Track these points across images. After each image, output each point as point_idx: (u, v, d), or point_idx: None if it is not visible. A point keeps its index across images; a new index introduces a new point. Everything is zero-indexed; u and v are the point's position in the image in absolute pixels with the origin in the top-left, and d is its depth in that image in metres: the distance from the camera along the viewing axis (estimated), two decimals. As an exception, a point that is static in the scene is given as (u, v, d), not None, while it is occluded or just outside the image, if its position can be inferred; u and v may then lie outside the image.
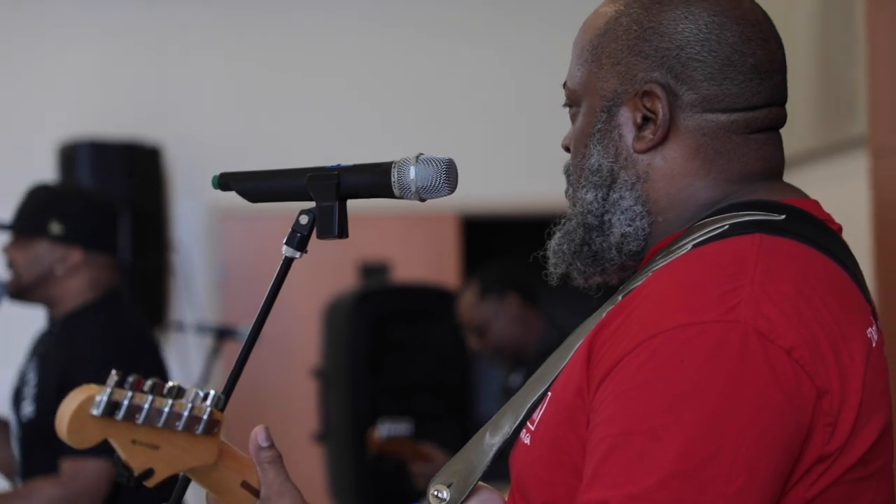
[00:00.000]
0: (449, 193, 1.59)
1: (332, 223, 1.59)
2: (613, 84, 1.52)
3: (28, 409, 3.13)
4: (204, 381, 5.09)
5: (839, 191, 4.51)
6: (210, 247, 6.16)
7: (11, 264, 3.19)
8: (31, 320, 4.11)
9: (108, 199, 3.43)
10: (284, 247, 1.61)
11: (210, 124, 6.18)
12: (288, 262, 1.61)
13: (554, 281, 1.61)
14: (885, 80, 3.82)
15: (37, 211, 3.21)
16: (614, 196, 1.52)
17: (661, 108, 1.49)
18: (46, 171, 5.80)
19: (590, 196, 1.53)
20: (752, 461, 1.30)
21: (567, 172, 1.60)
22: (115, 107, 6.07)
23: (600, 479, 1.33)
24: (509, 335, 4.10)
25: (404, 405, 4.86)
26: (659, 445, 1.30)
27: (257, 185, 1.66)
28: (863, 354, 1.39)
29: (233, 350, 5.17)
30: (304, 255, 1.61)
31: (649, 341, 1.34)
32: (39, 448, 3.11)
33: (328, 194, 1.59)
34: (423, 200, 1.60)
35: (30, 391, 3.15)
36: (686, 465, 1.29)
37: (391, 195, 1.59)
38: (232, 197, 1.70)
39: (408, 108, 6.30)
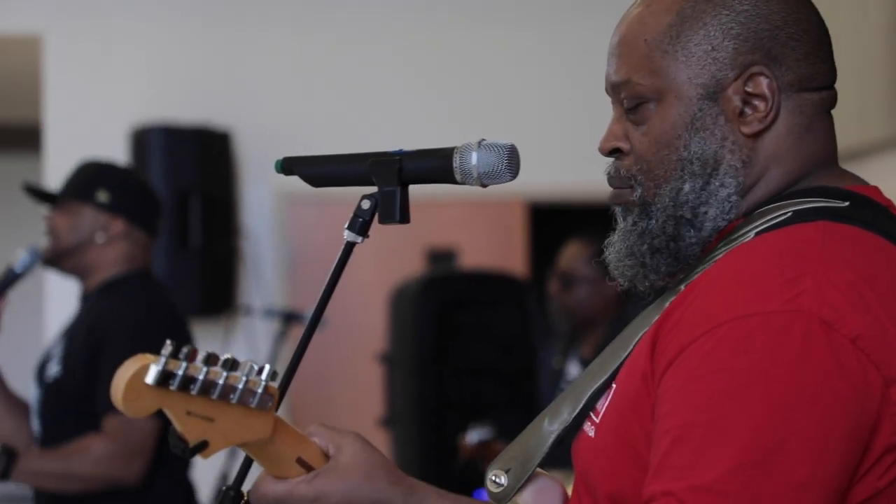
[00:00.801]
0: (511, 179, 1.58)
1: (393, 208, 1.59)
2: (711, 70, 1.49)
3: (54, 369, 3.17)
4: (271, 365, 5.12)
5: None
6: (279, 232, 6.20)
7: (52, 230, 3.23)
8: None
9: (150, 185, 3.46)
10: (346, 231, 1.61)
11: (279, 110, 6.21)
12: (349, 246, 1.62)
13: (619, 287, 1.58)
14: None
15: (86, 179, 3.27)
16: (715, 184, 1.49)
17: (768, 90, 1.48)
18: (119, 155, 5.86)
19: (687, 187, 1.50)
20: (817, 451, 1.29)
21: (628, 174, 1.54)
22: (186, 91, 6.12)
23: (665, 471, 1.32)
24: (591, 306, 4.09)
25: (469, 391, 4.87)
26: (722, 437, 1.30)
27: (320, 170, 1.66)
28: None
29: (300, 334, 5.21)
30: (367, 239, 1.61)
31: (712, 332, 1.33)
32: (62, 410, 3.15)
33: (390, 179, 1.59)
34: (484, 186, 1.59)
35: (57, 354, 3.20)
36: (750, 457, 1.29)
37: (453, 181, 1.58)
38: (300, 182, 1.71)
39: (473, 93, 6.29)
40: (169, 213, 5.62)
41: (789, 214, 1.44)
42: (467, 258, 6.24)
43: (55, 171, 5.67)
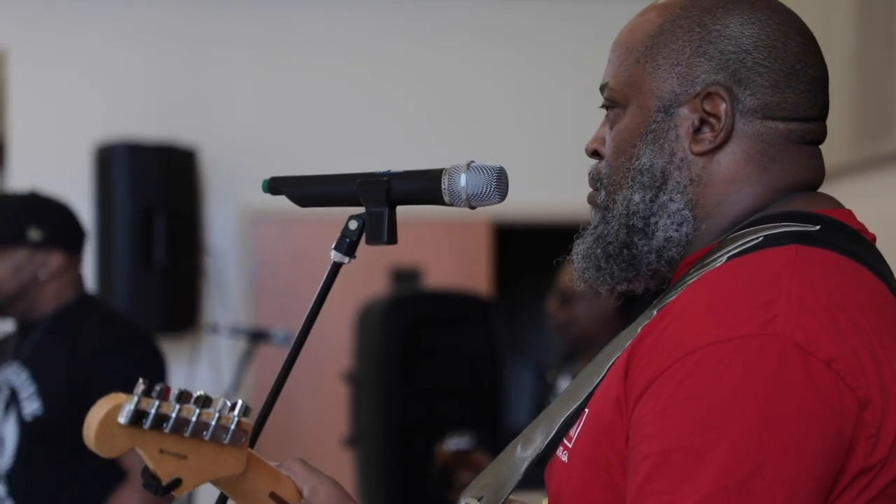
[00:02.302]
0: (499, 201, 1.59)
1: (381, 229, 1.59)
2: (672, 84, 1.50)
3: (32, 406, 3.13)
4: (236, 384, 5.11)
5: (875, 205, 4.49)
6: (243, 250, 6.18)
7: None
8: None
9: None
10: (333, 252, 1.61)
11: (244, 127, 6.20)
12: (336, 267, 1.62)
13: (579, 286, 1.60)
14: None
15: (12, 221, 3.21)
16: (663, 198, 1.50)
17: (723, 111, 1.48)
18: (82, 172, 5.83)
19: (637, 197, 1.51)
20: (795, 475, 1.30)
21: (598, 176, 1.58)
22: (151, 109, 6.10)
23: (644, 498, 1.32)
24: (588, 324, 4.11)
25: (435, 411, 4.87)
26: (701, 463, 1.30)
27: (307, 190, 1.66)
28: None
29: (266, 353, 5.19)
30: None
31: (688, 357, 1.33)
32: (44, 447, 3.12)
33: (378, 200, 1.59)
34: (472, 208, 1.60)
35: (27, 391, 3.14)
36: (730, 482, 1.29)
37: (441, 202, 1.59)
38: (265, 200, 1.71)
39: (444, 114, 6.30)
40: (133, 231, 5.60)
41: (760, 239, 1.43)
42: (432, 278, 6.24)
43: (19, 187, 5.63)
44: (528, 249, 7.55)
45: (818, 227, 1.45)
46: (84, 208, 5.80)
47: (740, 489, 1.29)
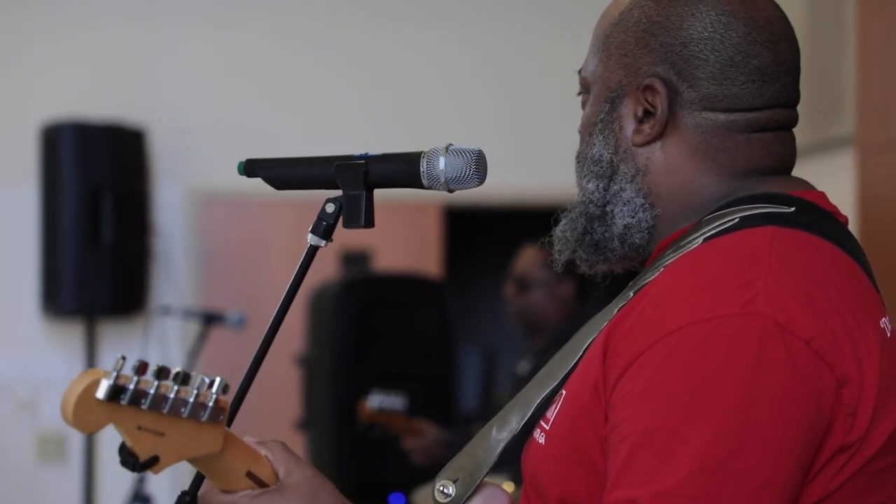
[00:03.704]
0: (478, 185, 1.59)
1: (359, 212, 1.59)
2: (619, 75, 1.53)
3: None
4: (188, 367, 5.06)
5: (826, 188, 4.53)
6: (191, 231, 6.14)
7: None
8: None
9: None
10: (310, 235, 1.61)
11: (194, 108, 6.14)
12: (313, 250, 1.61)
13: (559, 267, 1.62)
14: (874, 80, 3.85)
15: None
16: (615, 187, 1.53)
17: (660, 104, 1.50)
18: (29, 152, 5.76)
19: (591, 186, 1.54)
20: (776, 452, 1.31)
21: (578, 159, 1.60)
22: (100, 89, 6.03)
23: (627, 477, 1.33)
24: (544, 310, 4.13)
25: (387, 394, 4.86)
26: (684, 441, 1.31)
27: (283, 173, 1.65)
28: (878, 345, 1.39)
29: (217, 336, 5.16)
30: (281, 240, 1.60)
31: (668, 337, 1.35)
32: None
33: (356, 183, 1.59)
34: (451, 191, 1.60)
35: None
36: (711, 460, 1.30)
37: (419, 185, 1.58)
38: (214, 181, 1.70)
39: (390, 95, 6.28)
40: (80, 211, 5.54)
41: (736, 220, 1.45)
42: (382, 260, 6.23)
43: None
44: (478, 231, 7.56)
45: (793, 209, 1.46)
46: (30, 188, 5.75)
47: (721, 467, 1.30)
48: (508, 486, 3.19)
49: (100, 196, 5.58)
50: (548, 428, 1.50)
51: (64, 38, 6.08)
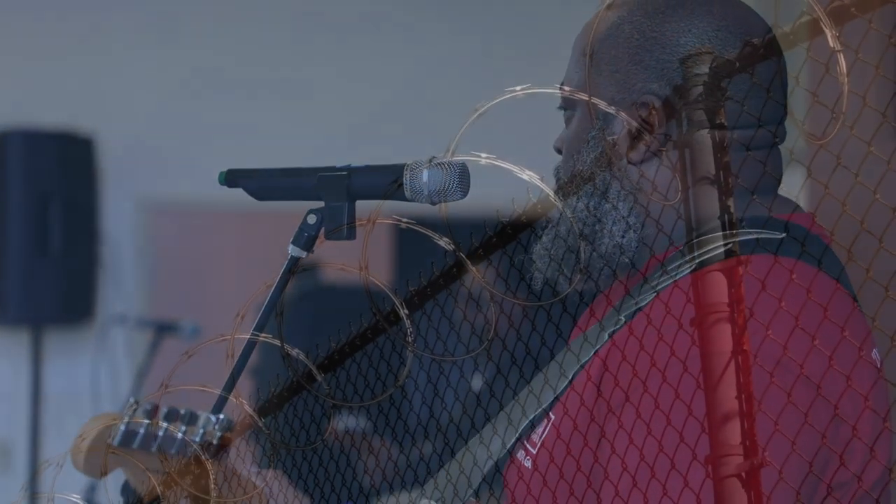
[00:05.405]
0: (461, 198, 1.58)
1: (341, 224, 1.59)
2: (611, 91, 1.50)
3: None
4: (140, 376, 5.02)
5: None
6: (141, 240, 6.09)
7: None
8: None
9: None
10: (291, 246, 1.61)
11: (144, 116, 6.10)
12: (293, 261, 1.61)
13: (538, 285, 1.60)
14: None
15: None
16: (606, 206, 1.49)
17: (656, 121, 1.47)
18: (-24, 158, 5.70)
19: (581, 204, 1.51)
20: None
21: (557, 175, 1.57)
22: (48, 97, 5.98)
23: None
24: (500, 323, 4.12)
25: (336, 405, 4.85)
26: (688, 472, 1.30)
27: (265, 183, 1.65)
28: (871, 378, 1.40)
29: (169, 346, 5.11)
30: (232, 246, 1.61)
31: (668, 371, 1.33)
32: None
33: (339, 194, 1.58)
34: (434, 204, 1.59)
35: None
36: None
37: (402, 198, 1.59)
38: (164, 191, 1.69)
39: (336, 102, 6.24)
40: (28, 219, 5.49)
41: (727, 247, 1.44)
42: (333, 270, 6.20)
43: None
44: (428, 240, 7.54)
45: (783, 235, 1.43)
46: (-21, 196, 5.68)
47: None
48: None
49: (48, 204, 5.54)
50: (535, 452, 1.49)
51: (12, 45, 6.02)
